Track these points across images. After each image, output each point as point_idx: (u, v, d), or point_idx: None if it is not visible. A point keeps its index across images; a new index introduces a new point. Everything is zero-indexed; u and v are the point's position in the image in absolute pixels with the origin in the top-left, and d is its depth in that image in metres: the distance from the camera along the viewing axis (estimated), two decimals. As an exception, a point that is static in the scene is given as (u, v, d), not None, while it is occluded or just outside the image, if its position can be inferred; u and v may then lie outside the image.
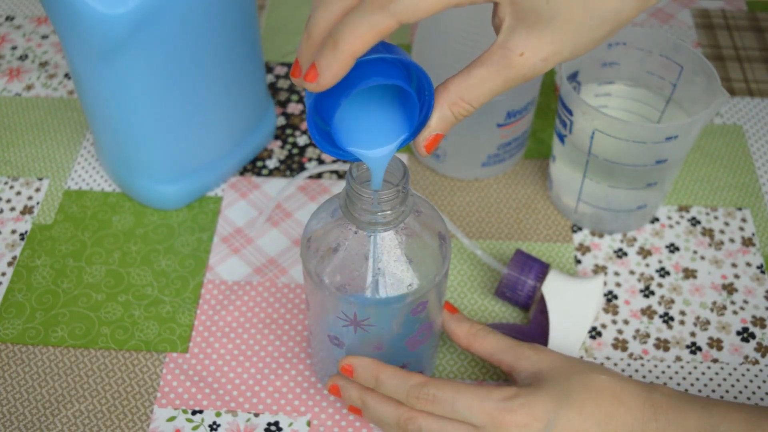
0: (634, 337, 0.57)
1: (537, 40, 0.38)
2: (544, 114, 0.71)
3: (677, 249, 0.62)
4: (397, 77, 0.37)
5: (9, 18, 0.80)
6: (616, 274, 0.61)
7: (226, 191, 0.65)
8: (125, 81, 0.54)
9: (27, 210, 0.64)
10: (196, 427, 0.53)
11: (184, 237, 0.62)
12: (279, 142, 0.69)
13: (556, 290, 0.55)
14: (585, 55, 0.58)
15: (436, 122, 0.39)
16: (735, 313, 0.58)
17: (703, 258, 0.62)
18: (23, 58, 0.76)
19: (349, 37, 0.35)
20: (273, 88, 0.73)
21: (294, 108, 0.72)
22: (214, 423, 0.53)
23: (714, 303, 0.59)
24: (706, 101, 0.55)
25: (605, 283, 0.60)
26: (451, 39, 0.57)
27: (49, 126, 0.70)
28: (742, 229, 0.63)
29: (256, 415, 0.53)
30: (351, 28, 0.35)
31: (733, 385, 0.55)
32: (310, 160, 0.68)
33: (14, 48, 0.77)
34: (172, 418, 0.53)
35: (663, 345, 0.57)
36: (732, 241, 0.62)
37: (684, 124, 0.53)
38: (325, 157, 0.68)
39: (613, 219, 0.61)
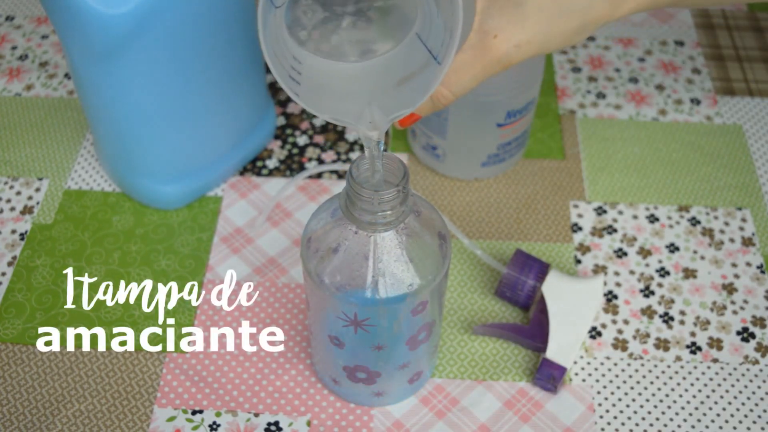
0: (634, 337, 0.57)
1: (508, 24, 0.40)
2: (544, 114, 0.71)
3: (677, 249, 0.62)
4: None
5: (9, 18, 0.80)
6: (616, 274, 0.61)
7: (226, 191, 0.65)
8: (125, 81, 0.54)
9: (27, 210, 0.64)
10: (196, 427, 0.53)
11: (184, 237, 0.62)
12: (279, 142, 0.69)
13: (556, 290, 0.55)
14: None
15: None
16: (735, 313, 0.58)
17: (703, 258, 0.62)
18: (23, 58, 0.76)
19: None
20: (273, 88, 0.73)
21: (294, 108, 0.72)
22: (214, 423, 0.53)
23: (714, 303, 0.59)
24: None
25: (605, 283, 0.60)
26: None
27: (49, 126, 0.70)
28: (742, 229, 0.63)
29: (256, 415, 0.53)
30: None
31: (733, 385, 0.55)
32: (310, 160, 0.68)
33: (14, 48, 0.77)
34: (172, 418, 0.53)
35: (663, 345, 0.57)
36: (732, 241, 0.62)
37: None
38: (326, 156, 0.68)
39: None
